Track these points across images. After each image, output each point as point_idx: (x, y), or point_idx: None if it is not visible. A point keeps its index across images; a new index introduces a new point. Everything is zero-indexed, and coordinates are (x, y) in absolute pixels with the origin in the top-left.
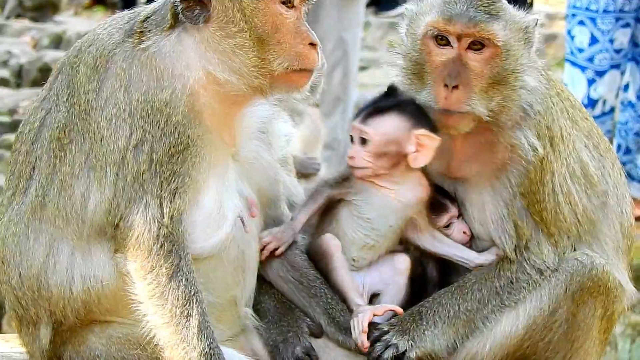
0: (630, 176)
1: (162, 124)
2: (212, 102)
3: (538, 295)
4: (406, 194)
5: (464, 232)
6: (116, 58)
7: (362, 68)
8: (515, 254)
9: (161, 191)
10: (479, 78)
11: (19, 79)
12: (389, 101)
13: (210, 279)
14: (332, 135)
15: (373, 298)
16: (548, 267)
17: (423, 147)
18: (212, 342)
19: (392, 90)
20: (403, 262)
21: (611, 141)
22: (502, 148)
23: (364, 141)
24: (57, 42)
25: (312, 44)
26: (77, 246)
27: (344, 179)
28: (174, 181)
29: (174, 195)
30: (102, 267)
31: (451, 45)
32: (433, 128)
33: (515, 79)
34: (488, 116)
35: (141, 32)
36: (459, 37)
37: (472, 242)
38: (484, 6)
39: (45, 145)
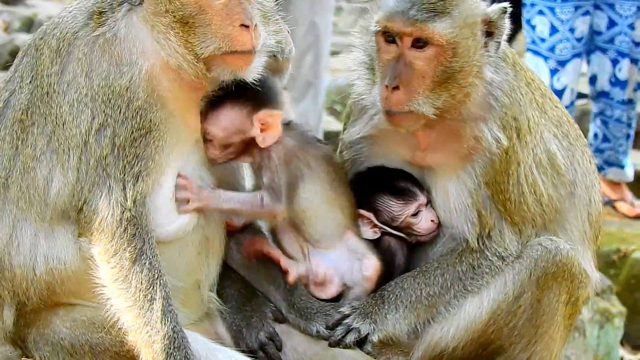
0: (608, 163)
1: (124, 109)
2: (173, 87)
3: (502, 281)
4: (256, 157)
5: (432, 221)
6: (78, 42)
7: (334, 53)
8: (478, 242)
9: (124, 175)
10: (422, 77)
11: None
12: (225, 92)
13: (174, 263)
14: (303, 120)
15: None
16: (510, 254)
17: (267, 126)
18: (175, 326)
19: None
20: (369, 269)
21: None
22: (466, 139)
23: (209, 138)
24: (29, 25)
25: (244, 26)
26: (40, 228)
27: None
28: (137, 165)
29: (137, 179)
30: (65, 249)
31: (397, 43)
32: (274, 102)
33: (464, 77)
34: (435, 114)
35: (100, 13)
36: (400, 36)
37: (438, 229)
38: (429, 3)
39: (8, 126)
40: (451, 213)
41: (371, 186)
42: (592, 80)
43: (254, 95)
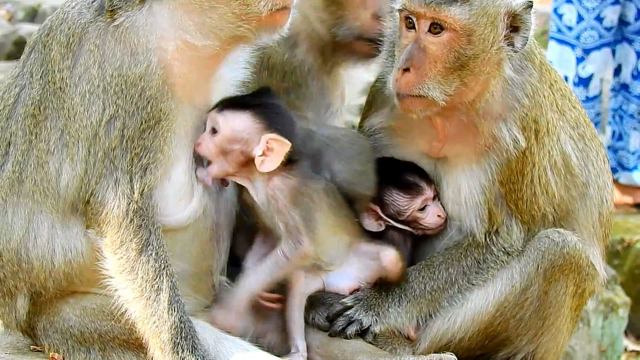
0: (621, 165)
1: (136, 99)
2: (185, 71)
3: (509, 273)
4: (259, 193)
5: (439, 216)
6: (89, 35)
7: None
8: (485, 238)
9: (132, 167)
10: (434, 62)
11: None
12: (251, 100)
13: (186, 249)
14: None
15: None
16: (516, 250)
17: (271, 151)
18: (182, 316)
19: (264, 91)
20: (386, 259)
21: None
22: (484, 136)
23: (214, 131)
24: (32, 15)
25: None
26: (57, 220)
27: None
28: (145, 157)
29: (145, 171)
30: (81, 240)
31: (415, 28)
32: (289, 134)
33: (478, 66)
34: (446, 102)
35: (112, 10)
36: (418, 18)
37: (445, 222)
38: None
39: (20, 121)
40: (460, 207)
41: (379, 178)
42: (617, 71)
43: (273, 116)
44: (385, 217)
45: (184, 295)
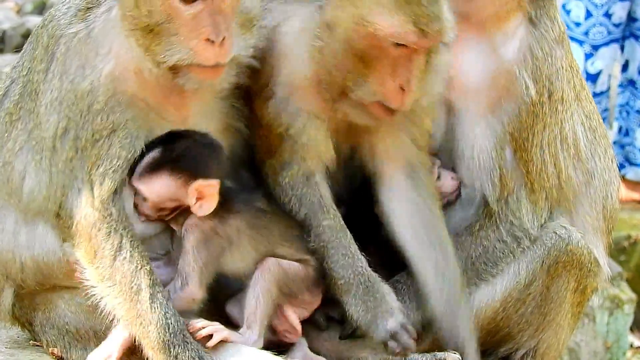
0: (628, 160)
1: (85, 112)
2: (143, 86)
3: (515, 269)
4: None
5: (452, 178)
6: (62, 40)
7: None
8: (497, 206)
9: (90, 176)
10: None
11: (2, 44)
12: (163, 156)
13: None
14: None
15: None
16: (525, 235)
17: (204, 195)
18: (167, 312)
19: (172, 137)
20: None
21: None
22: (501, 75)
23: (144, 198)
24: (41, 7)
25: (209, 40)
26: (20, 217)
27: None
28: (102, 165)
29: (104, 178)
30: (45, 237)
31: None
32: (212, 171)
33: None
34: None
35: (87, 9)
36: None
37: (460, 188)
38: None
39: (2, 116)
40: (473, 167)
41: None
42: (624, 67)
43: (190, 164)
44: None
45: None
